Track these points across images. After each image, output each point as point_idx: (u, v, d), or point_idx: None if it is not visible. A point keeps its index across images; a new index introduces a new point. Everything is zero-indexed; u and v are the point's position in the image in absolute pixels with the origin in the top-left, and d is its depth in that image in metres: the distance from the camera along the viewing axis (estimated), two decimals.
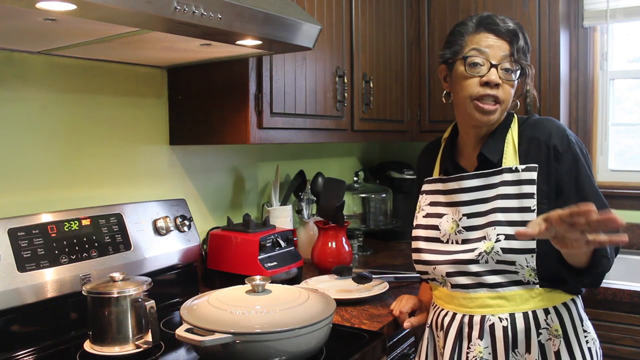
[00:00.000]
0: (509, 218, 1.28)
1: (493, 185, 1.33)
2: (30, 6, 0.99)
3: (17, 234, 1.37)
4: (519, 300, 1.30)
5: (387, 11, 2.42)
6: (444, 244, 1.39)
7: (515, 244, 1.26)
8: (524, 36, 1.34)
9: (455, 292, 1.36)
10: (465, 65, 1.32)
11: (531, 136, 1.33)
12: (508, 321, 1.30)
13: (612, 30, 2.71)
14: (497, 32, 1.31)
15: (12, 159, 1.51)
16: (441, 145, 1.51)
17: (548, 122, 1.35)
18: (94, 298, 1.35)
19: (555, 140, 1.30)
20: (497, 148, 1.35)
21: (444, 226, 1.40)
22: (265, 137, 1.78)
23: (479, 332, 1.32)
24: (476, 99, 1.32)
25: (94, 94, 1.70)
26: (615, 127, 2.74)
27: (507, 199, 1.30)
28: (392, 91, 2.47)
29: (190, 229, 1.80)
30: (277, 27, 1.40)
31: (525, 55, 1.34)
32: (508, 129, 1.37)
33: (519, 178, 1.30)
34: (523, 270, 1.27)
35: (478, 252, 1.30)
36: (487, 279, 1.30)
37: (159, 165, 1.91)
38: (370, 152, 3.14)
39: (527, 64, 1.34)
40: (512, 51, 1.31)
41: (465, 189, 1.37)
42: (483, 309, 1.32)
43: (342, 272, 1.94)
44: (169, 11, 1.12)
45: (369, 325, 1.54)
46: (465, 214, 1.36)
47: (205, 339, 1.15)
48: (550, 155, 1.29)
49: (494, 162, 1.34)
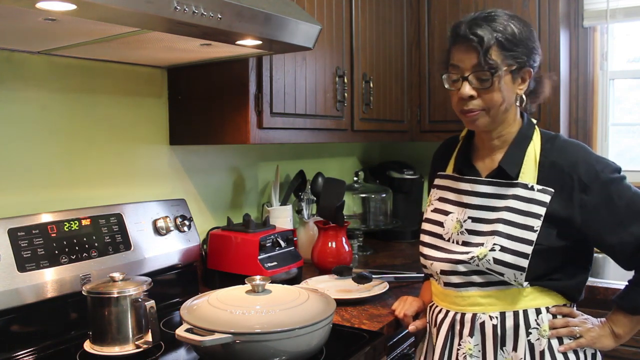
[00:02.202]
0: (509, 231, 1.28)
1: (504, 196, 1.32)
2: (30, 6, 0.99)
3: (17, 234, 1.37)
4: (509, 299, 1.31)
5: (387, 11, 2.42)
6: (445, 241, 1.39)
7: (508, 258, 1.27)
8: (500, 33, 1.26)
9: (447, 290, 1.37)
10: (446, 82, 1.34)
11: (555, 162, 1.31)
12: (498, 319, 1.31)
13: (612, 30, 2.70)
14: (465, 42, 1.28)
15: (12, 158, 1.51)
16: (459, 142, 1.50)
17: (575, 150, 1.32)
18: (94, 298, 1.35)
19: (581, 172, 1.27)
20: (515, 161, 1.33)
21: (448, 224, 1.40)
22: (265, 137, 1.78)
23: (469, 330, 1.33)
24: (460, 112, 1.33)
25: (94, 94, 1.70)
26: (615, 127, 2.74)
27: (514, 213, 1.29)
28: (392, 91, 2.47)
29: (190, 229, 1.80)
30: (277, 27, 1.40)
31: (506, 47, 1.26)
32: (529, 141, 1.35)
33: (532, 197, 1.29)
34: (509, 279, 1.29)
35: (471, 255, 1.30)
36: (476, 279, 1.32)
37: (159, 165, 1.91)
38: (370, 152, 3.14)
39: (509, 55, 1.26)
40: (478, 60, 1.25)
41: (476, 192, 1.37)
42: (474, 307, 1.33)
43: (342, 272, 1.94)
44: (169, 11, 1.12)
45: (369, 325, 1.54)
46: (471, 217, 1.35)
47: (205, 339, 1.15)
48: (574, 185, 1.27)
49: (512, 176, 1.32)
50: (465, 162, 1.43)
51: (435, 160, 1.58)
